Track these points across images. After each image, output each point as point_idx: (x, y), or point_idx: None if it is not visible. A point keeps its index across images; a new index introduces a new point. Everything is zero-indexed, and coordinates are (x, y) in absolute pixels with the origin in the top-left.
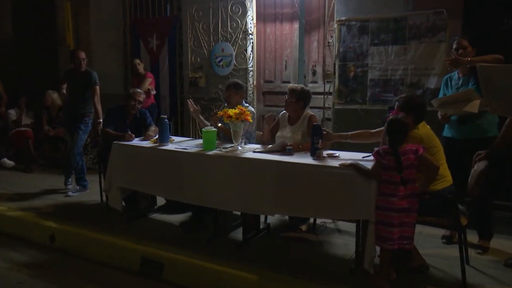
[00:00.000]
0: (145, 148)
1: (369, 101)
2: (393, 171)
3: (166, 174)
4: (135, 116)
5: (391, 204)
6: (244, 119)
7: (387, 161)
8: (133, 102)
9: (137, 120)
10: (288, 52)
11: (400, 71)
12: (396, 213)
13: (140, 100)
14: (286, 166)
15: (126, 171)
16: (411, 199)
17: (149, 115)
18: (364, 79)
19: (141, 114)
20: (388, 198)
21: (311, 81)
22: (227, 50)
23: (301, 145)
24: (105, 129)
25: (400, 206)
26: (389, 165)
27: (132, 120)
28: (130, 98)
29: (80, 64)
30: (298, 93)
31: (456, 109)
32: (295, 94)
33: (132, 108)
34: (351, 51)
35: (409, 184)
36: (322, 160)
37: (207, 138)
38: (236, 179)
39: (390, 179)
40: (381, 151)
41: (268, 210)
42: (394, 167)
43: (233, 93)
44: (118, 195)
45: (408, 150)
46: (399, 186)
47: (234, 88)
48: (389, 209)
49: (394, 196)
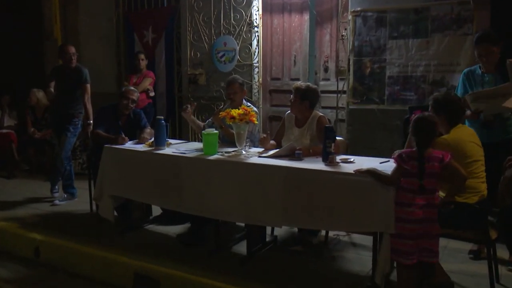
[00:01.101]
0: (139, 152)
1: (387, 101)
2: (414, 178)
3: (163, 181)
4: (129, 117)
5: (407, 214)
6: (249, 120)
7: (409, 167)
8: (125, 101)
9: (131, 121)
10: (297, 47)
11: (422, 67)
12: (411, 224)
13: (134, 99)
14: (295, 172)
15: (118, 178)
16: (430, 209)
17: (144, 116)
18: (382, 76)
19: (135, 114)
20: (404, 208)
21: (323, 78)
22: (230, 44)
23: (311, 149)
24: (95, 130)
25: (417, 217)
26: (411, 171)
27: (125, 121)
28: (123, 97)
29: (70, 59)
30: (303, 92)
31: (493, 104)
32: (299, 94)
33: (125, 108)
34: (367, 45)
35: (428, 194)
36: (335, 166)
37: (207, 142)
38: (240, 186)
39: (408, 187)
40: (404, 155)
41: (275, 221)
42: (415, 174)
43: (239, 90)
44: (110, 204)
45: (434, 157)
46: (417, 195)
47: (239, 84)
48: (404, 220)
49: (411, 206)
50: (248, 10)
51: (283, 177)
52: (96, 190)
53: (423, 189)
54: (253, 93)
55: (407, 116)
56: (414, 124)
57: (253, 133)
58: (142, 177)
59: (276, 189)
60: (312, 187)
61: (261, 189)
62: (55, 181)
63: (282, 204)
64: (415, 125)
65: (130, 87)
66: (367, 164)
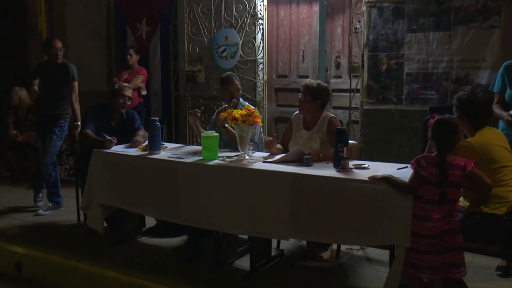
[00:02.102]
0: (132, 157)
1: (405, 100)
2: (433, 187)
3: (157, 189)
4: (122, 118)
5: (424, 230)
6: (252, 122)
7: (428, 174)
8: (122, 100)
9: (124, 122)
10: (306, 41)
11: (444, 63)
12: (429, 239)
13: (130, 96)
14: (304, 179)
15: (108, 185)
16: (451, 219)
17: (138, 118)
18: (400, 73)
19: (128, 115)
20: (422, 223)
21: (334, 76)
22: (232, 38)
23: (322, 153)
24: (84, 130)
25: (435, 231)
26: (430, 179)
27: (118, 122)
28: (117, 94)
29: (56, 55)
30: (314, 90)
31: None
32: (310, 92)
33: (121, 107)
34: (383, 39)
35: (448, 205)
36: (347, 172)
37: (207, 145)
38: (243, 195)
39: (426, 196)
40: (422, 161)
41: (281, 233)
42: (435, 182)
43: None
44: (99, 214)
45: (455, 164)
46: (436, 206)
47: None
48: (421, 236)
49: (429, 220)
50: (252, 1)
51: (290, 185)
52: (84, 198)
53: (444, 200)
54: (257, 91)
55: (427, 118)
56: (434, 127)
57: (257, 136)
58: (135, 184)
59: (283, 198)
60: (322, 195)
61: (266, 198)
62: (39, 188)
63: (289, 215)
64: (435, 128)
65: (124, 83)
66: (383, 171)
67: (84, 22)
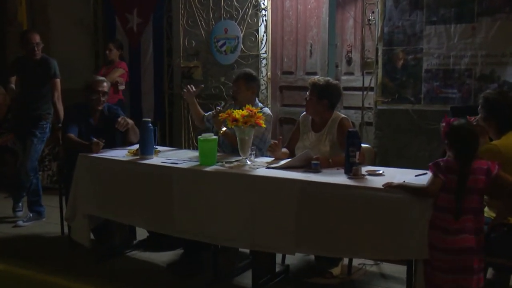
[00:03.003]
0: (121, 162)
1: (424, 100)
2: (451, 195)
3: (150, 198)
4: (103, 114)
5: (437, 241)
6: (255, 124)
7: (446, 179)
8: (95, 96)
9: (106, 119)
10: (314, 34)
11: (467, 58)
12: (447, 255)
13: (105, 91)
14: (311, 187)
15: (96, 193)
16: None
17: (121, 111)
18: (418, 69)
19: (110, 110)
20: (436, 232)
21: (346, 72)
22: (232, 31)
23: (331, 158)
24: (67, 134)
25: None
26: (449, 187)
27: (99, 120)
28: (91, 91)
29: (32, 50)
30: (321, 88)
31: None
32: (317, 90)
33: (97, 103)
34: (400, 31)
35: (467, 214)
36: (360, 179)
37: (204, 149)
38: (244, 204)
39: (443, 204)
40: (442, 164)
41: (287, 247)
42: (452, 189)
43: (243, 87)
44: (85, 226)
45: (478, 169)
46: (452, 216)
47: (244, 80)
48: (438, 249)
49: (444, 232)
50: None
51: (297, 193)
52: (68, 208)
53: (459, 212)
54: (260, 90)
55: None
56: (452, 136)
57: (262, 139)
58: (125, 192)
59: (288, 208)
60: (332, 205)
61: (269, 208)
62: (18, 197)
63: (296, 226)
64: (453, 137)
65: (97, 77)
66: (399, 177)
67: (69, 13)
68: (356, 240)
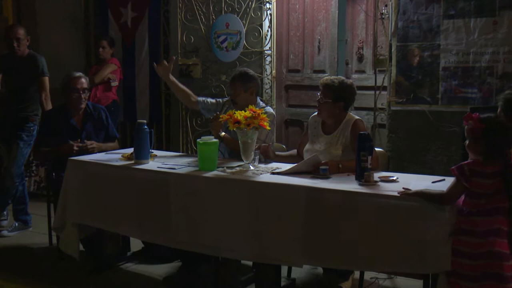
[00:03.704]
0: (114, 167)
1: (441, 100)
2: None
3: (145, 206)
4: (86, 113)
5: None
6: (258, 126)
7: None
8: (76, 94)
9: (91, 117)
10: (322, 29)
11: (488, 55)
12: (469, 260)
13: (85, 87)
14: (320, 194)
15: (86, 201)
16: (503, 240)
17: (109, 116)
18: (435, 67)
19: (95, 109)
20: (460, 237)
21: (357, 70)
22: (234, 25)
23: (341, 163)
24: (39, 149)
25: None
26: (473, 191)
27: (83, 120)
28: (70, 89)
29: (11, 46)
30: (336, 89)
31: None
32: (331, 92)
33: (78, 102)
34: (415, 26)
35: (498, 215)
36: (372, 187)
37: (204, 154)
38: (247, 213)
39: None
40: (466, 168)
41: (293, 259)
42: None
43: (240, 89)
44: (75, 236)
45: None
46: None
47: (240, 81)
48: (459, 253)
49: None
50: None
51: (304, 201)
52: (56, 217)
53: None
54: (265, 89)
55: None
56: (484, 131)
57: (265, 142)
58: (118, 200)
59: (295, 217)
60: (342, 214)
61: (275, 217)
62: (2, 205)
63: (303, 236)
64: (486, 132)
65: (74, 73)
66: (415, 184)
67: (58, 7)
68: (368, 252)
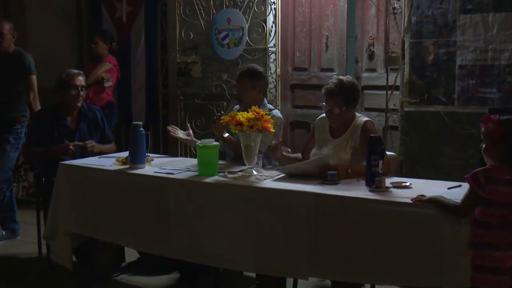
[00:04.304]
0: (108, 172)
1: (458, 100)
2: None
3: (141, 213)
4: (81, 113)
5: (490, 261)
6: (262, 128)
7: (490, 194)
8: (74, 91)
9: (86, 117)
10: (330, 24)
11: (508, 52)
12: (497, 275)
13: (83, 85)
14: (328, 201)
15: (79, 208)
16: None
17: (104, 117)
18: (451, 65)
19: (90, 110)
20: (484, 251)
21: (367, 69)
22: (236, 21)
23: (351, 168)
24: (29, 150)
25: (507, 264)
26: (493, 200)
27: (78, 120)
28: (67, 86)
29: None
30: (345, 93)
31: None
32: (341, 97)
33: (75, 100)
34: (430, 21)
35: None
36: (384, 193)
37: (204, 158)
38: (250, 221)
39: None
40: (481, 176)
41: (299, 270)
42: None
43: (248, 86)
44: (67, 245)
45: None
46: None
47: (248, 78)
48: (487, 270)
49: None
50: None
51: (311, 208)
52: (47, 225)
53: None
54: (269, 89)
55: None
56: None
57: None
58: (113, 207)
59: (301, 226)
60: (352, 222)
61: (279, 225)
62: None
63: (310, 247)
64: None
65: (72, 70)
66: (430, 190)
67: (48, 1)
68: (379, 263)
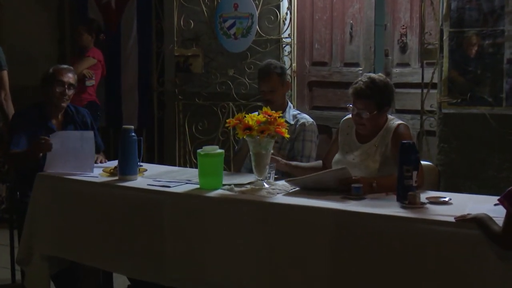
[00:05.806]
0: (94, 185)
1: (506, 100)
2: None
3: (132, 234)
4: (67, 114)
5: None
6: (274, 133)
7: None
8: (60, 88)
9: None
10: (355, 11)
11: None
12: None
13: (71, 82)
14: (352, 220)
15: (59, 227)
16: None
17: (93, 121)
18: (498, 59)
19: (78, 111)
20: None
21: (398, 64)
22: (244, 7)
23: (376, 181)
24: (11, 151)
25: None
26: None
27: (63, 122)
28: (53, 81)
29: None
30: (378, 95)
31: None
32: (373, 100)
33: (61, 99)
34: (473, 8)
35: None
36: (419, 210)
37: (206, 168)
38: (260, 242)
39: None
40: None
41: None
42: None
43: (279, 84)
44: (44, 271)
45: None
46: None
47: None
48: None
49: None
50: None
51: (332, 227)
52: (21, 247)
53: None
54: None
55: None
56: None
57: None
58: (98, 226)
59: (320, 248)
60: (380, 243)
61: (295, 247)
62: None
63: (330, 271)
64: None
65: (61, 65)
66: (473, 208)
67: None
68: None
